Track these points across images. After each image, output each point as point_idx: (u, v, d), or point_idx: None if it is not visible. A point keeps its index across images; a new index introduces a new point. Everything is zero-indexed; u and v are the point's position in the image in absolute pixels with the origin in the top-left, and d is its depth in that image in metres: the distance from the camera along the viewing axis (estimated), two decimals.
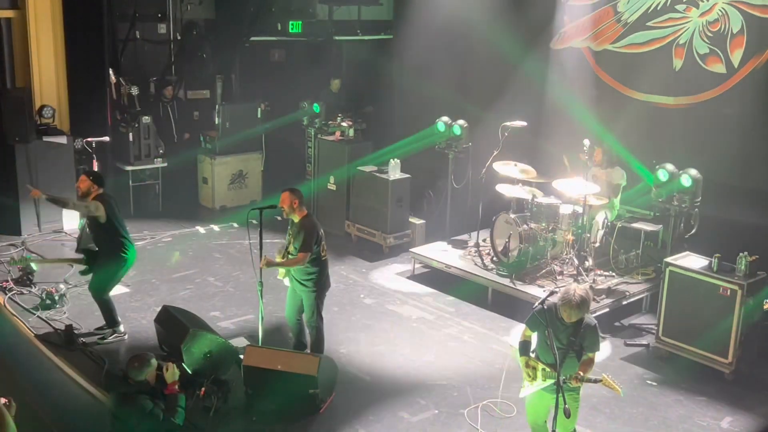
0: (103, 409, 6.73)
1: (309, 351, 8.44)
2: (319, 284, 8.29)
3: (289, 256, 8.17)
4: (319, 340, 8.43)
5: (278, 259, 8.28)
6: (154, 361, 6.40)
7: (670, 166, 9.97)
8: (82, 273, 9.04)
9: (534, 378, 6.34)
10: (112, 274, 8.87)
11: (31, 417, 5.75)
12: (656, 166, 10.08)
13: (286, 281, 8.38)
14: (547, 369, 6.24)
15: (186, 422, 6.89)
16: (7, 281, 10.00)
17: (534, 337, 6.46)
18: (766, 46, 10.27)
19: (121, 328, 8.97)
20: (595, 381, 6.11)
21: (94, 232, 8.77)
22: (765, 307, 8.66)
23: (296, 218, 8.19)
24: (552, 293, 6.41)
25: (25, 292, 9.89)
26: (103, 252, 8.80)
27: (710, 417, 7.92)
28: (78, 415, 7.90)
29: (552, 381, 6.11)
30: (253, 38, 14.70)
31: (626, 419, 7.81)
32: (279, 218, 8.32)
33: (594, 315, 6.91)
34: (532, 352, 6.44)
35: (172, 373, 6.45)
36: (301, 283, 8.23)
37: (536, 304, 6.39)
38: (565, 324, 6.22)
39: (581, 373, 6.12)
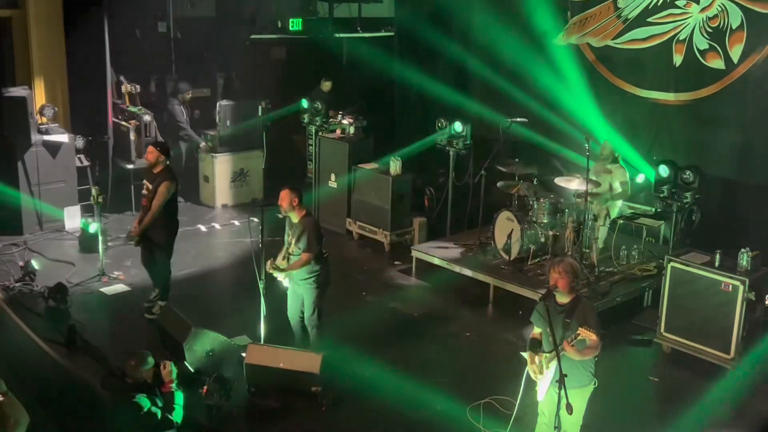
0: (103, 406, 6.74)
1: (311, 346, 8.46)
2: (321, 282, 8.29)
3: (291, 257, 8.16)
4: (320, 339, 8.43)
5: (280, 261, 8.25)
6: (151, 359, 6.40)
7: (670, 162, 9.97)
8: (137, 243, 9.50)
9: (541, 372, 6.40)
10: (170, 245, 9.47)
11: (31, 412, 5.76)
12: (657, 162, 10.09)
13: (286, 282, 8.36)
14: (547, 355, 6.30)
15: (188, 420, 6.91)
16: (9, 281, 10.00)
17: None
18: (767, 42, 10.26)
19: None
20: (575, 337, 6.11)
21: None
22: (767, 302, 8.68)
23: (295, 217, 8.15)
24: (553, 288, 6.44)
25: (27, 291, 9.90)
26: (159, 222, 9.26)
27: (713, 413, 7.91)
28: (78, 411, 7.93)
29: (554, 361, 6.14)
30: (253, 36, 14.70)
31: (628, 414, 7.81)
32: (280, 215, 8.31)
33: (596, 312, 6.92)
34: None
35: (169, 371, 6.45)
36: (303, 282, 8.23)
37: (539, 300, 6.43)
38: (560, 307, 6.32)
39: (567, 342, 6.15)
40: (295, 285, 8.30)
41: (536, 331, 6.61)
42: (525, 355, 6.58)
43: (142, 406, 6.21)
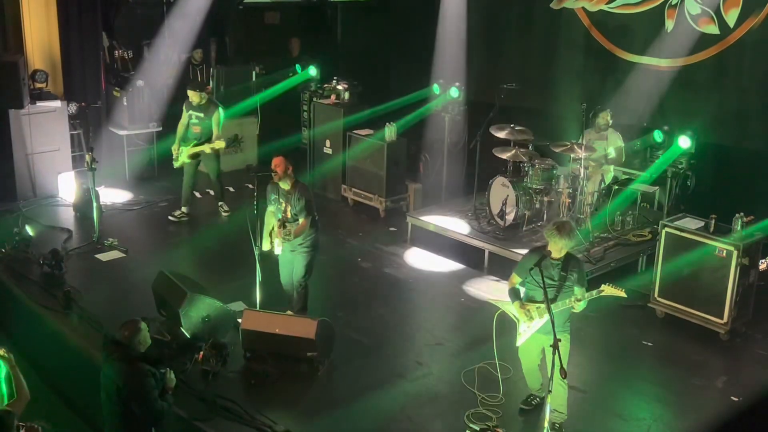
0: (97, 372, 6.74)
1: (293, 306, 8.51)
2: (315, 245, 8.37)
3: (286, 224, 8.16)
4: (305, 296, 8.51)
5: (276, 230, 8.24)
6: (143, 325, 6.37)
7: (664, 128, 9.95)
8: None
9: (531, 318, 6.65)
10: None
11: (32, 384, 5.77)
12: (651, 127, 10.07)
13: (279, 249, 8.35)
14: (541, 306, 6.45)
15: (184, 386, 6.94)
16: (4, 248, 9.97)
17: (521, 287, 6.94)
18: (764, 5, 10.20)
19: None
20: (598, 293, 6.56)
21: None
22: (761, 267, 8.71)
23: (287, 184, 8.16)
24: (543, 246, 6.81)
25: (21, 257, 9.87)
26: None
27: (705, 377, 7.99)
28: (74, 377, 7.97)
29: (547, 317, 6.33)
30: (246, 0, 14.58)
31: (622, 378, 7.87)
32: (271, 187, 8.30)
33: (590, 277, 7.03)
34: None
35: (169, 378, 6.39)
36: (299, 246, 8.26)
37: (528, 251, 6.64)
38: (555, 261, 6.64)
39: (578, 296, 6.60)
40: (290, 250, 8.31)
41: (514, 281, 6.92)
42: (515, 306, 6.84)
43: (140, 373, 6.20)
